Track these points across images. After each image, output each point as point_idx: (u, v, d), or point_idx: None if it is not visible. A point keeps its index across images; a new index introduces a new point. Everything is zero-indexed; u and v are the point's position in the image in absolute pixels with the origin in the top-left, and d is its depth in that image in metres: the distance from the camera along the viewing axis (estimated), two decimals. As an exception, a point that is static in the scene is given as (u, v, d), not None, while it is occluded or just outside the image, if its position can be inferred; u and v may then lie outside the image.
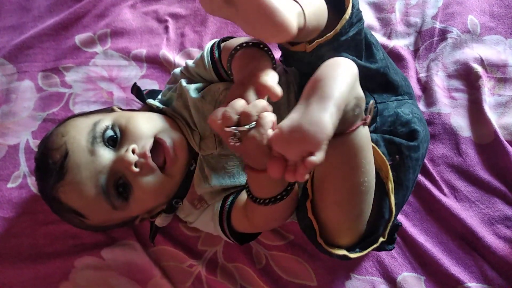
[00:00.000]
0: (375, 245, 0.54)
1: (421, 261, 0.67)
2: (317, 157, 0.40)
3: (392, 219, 0.55)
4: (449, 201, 0.70)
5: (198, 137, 0.63)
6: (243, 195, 0.60)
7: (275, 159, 0.42)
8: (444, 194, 0.70)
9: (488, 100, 0.74)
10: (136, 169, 0.57)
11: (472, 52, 0.77)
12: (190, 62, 0.68)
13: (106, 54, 0.85)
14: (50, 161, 0.59)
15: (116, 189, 0.58)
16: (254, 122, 0.43)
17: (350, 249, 0.54)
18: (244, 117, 0.43)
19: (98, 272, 0.70)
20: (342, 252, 0.53)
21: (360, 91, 0.46)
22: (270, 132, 0.43)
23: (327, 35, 0.55)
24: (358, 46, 0.60)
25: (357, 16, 0.57)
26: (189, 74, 0.68)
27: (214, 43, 0.65)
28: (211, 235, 0.68)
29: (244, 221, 0.59)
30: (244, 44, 0.53)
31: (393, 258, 0.68)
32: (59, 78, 0.83)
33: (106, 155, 0.58)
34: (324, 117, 0.40)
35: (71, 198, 0.59)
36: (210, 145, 0.62)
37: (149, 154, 0.58)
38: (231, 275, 0.69)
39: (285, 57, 0.68)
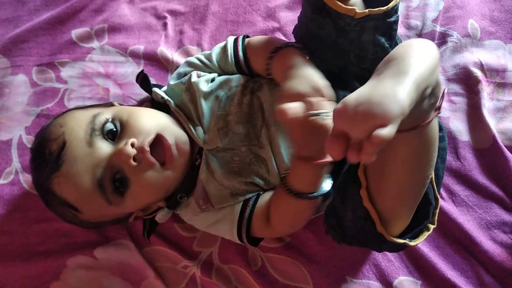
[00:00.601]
0: (428, 233, 0.54)
1: (418, 265, 0.67)
2: (388, 131, 0.34)
3: (438, 205, 0.55)
4: (447, 205, 0.69)
5: (202, 131, 0.63)
6: (262, 200, 0.61)
7: (336, 138, 0.37)
8: (442, 198, 0.70)
9: (487, 104, 0.74)
10: (134, 163, 0.56)
11: (472, 56, 0.77)
12: (213, 53, 0.68)
13: (103, 50, 0.83)
14: (47, 151, 0.57)
15: (113, 184, 0.57)
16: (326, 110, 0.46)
17: (399, 237, 0.53)
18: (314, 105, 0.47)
19: (90, 272, 0.68)
20: (403, 241, 0.52)
21: (439, 77, 0.42)
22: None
23: (380, 8, 0.54)
24: (392, 37, 0.59)
25: (397, 7, 0.57)
26: (208, 63, 0.67)
27: (236, 38, 0.66)
28: (206, 236, 0.67)
29: (264, 227, 0.60)
30: (284, 46, 0.58)
31: (390, 262, 0.68)
32: (54, 73, 0.82)
33: (104, 148, 0.57)
34: (400, 90, 0.36)
35: (66, 190, 0.57)
36: (214, 138, 0.62)
37: (147, 148, 0.57)
38: (226, 277, 0.68)
39: (314, 25, 0.60)
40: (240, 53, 0.65)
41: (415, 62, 0.39)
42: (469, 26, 0.80)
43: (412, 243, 0.53)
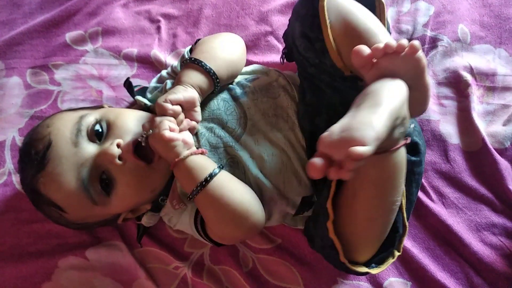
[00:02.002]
0: (392, 260, 0.56)
1: (408, 266, 0.68)
2: (364, 149, 0.39)
3: (406, 233, 0.57)
4: (437, 207, 0.70)
5: None
6: None
7: (318, 160, 0.41)
8: (432, 200, 0.71)
9: (477, 108, 0.75)
10: (120, 162, 0.56)
11: (462, 61, 0.78)
12: (176, 64, 0.69)
13: (96, 53, 0.84)
14: (33, 151, 0.58)
15: (99, 184, 0.58)
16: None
17: (366, 264, 0.55)
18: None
19: (82, 273, 0.68)
20: (365, 269, 0.54)
21: (407, 112, 0.47)
22: (168, 133, 0.54)
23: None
24: None
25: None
26: (175, 75, 0.68)
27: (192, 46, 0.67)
28: (197, 236, 0.68)
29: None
30: (189, 60, 0.62)
31: (380, 264, 0.68)
32: (48, 75, 0.82)
33: (89, 148, 0.58)
34: (375, 118, 0.42)
35: (51, 190, 0.57)
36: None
37: (132, 148, 0.57)
38: (217, 278, 0.68)
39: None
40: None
41: (388, 96, 0.44)
42: (459, 30, 0.81)
43: (375, 271, 0.55)
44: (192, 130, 0.60)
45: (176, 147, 0.56)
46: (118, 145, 0.57)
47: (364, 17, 0.54)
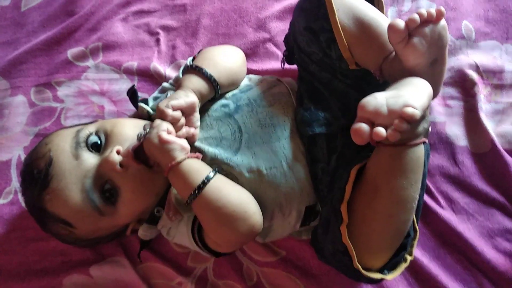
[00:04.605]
0: (405, 264, 0.55)
1: (418, 277, 0.65)
2: (417, 111, 0.44)
3: (417, 237, 0.57)
4: (446, 214, 0.67)
5: None
6: None
7: (364, 125, 0.45)
8: (441, 206, 0.68)
9: (485, 107, 0.72)
10: (121, 169, 0.56)
11: (467, 59, 0.76)
12: (178, 74, 0.68)
13: (97, 68, 0.84)
14: (35, 170, 0.58)
15: (103, 194, 0.58)
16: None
17: (379, 271, 0.53)
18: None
19: (86, 290, 0.68)
20: (379, 275, 0.53)
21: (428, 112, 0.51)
22: (165, 135, 0.54)
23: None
24: None
25: None
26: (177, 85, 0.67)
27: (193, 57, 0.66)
28: (200, 251, 0.67)
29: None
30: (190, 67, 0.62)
31: (389, 274, 0.66)
32: (51, 92, 0.83)
33: (90, 159, 0.58)
34: (418, 93, 0.47)
35: (57, 206, 0.58)
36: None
37: (132, 153, 0.57)
38: (221, 293, 0.67)
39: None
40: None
41: (423, 85, 0.49)
42: (463, 27, 0.78)
43: (389, 277, 0.53)
44: (192, 138, 0.59)
45: (172, 150, 0.54)
46: (118, 152, 0.57)
47: (370, 7, 0.56)
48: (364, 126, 0.45)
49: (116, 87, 0.83)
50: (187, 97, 0.59)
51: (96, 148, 0.59)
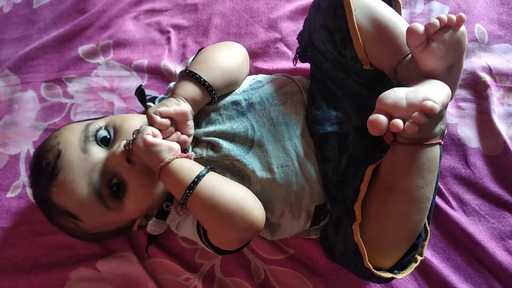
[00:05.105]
0: (415, 264, 0.54)
1: (428, 277, 0.64)
2: (437, 105, 0.44)
3: (428, 237, 0.57)
4: (457, 215, 0.67)
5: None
6: None
7: (382, 116, 0.45)
8: (452, 208, 0.67)
9: (497, 110, 0.72)
10: (129, 163, 0.56)
11: (479, 61, 0.75)
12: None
13: (108, 65, 0.85)
14: (44, 162, 0.58)
15: (110, 189, 0.57)
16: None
17: (389, 270, 0.53)
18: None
19: (92, 284, 0.68)
20: (389, 274, 0.52)
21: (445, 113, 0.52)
22: (150, 138, 0.53)
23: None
24: None
25: None
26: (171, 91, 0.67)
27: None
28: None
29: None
30: (184, 72, 0.61)
31: (398, 275, 0.65)
32: (61, 88, 0.84)
33: (98, 153, 0.58)
34: (437, 91, 0.47)
35: (64, 198, 0.58)
36: (197, 150, 0.62)
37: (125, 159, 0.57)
38: (228, 290, 0.66)
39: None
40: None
41: (442, 85, 0.49)
42: (476, 30, 0.78)
43: (400, 276, 0.53)
44: (183, 144, 0.59)
45: (159, 152, 0.54)
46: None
47: (388, 8, 0.56)
48: (382, 117, 0.45)
49: (126, 84, 0.83)
50: (178, 105, 0.58)
51: (105, 142, 0.60)
